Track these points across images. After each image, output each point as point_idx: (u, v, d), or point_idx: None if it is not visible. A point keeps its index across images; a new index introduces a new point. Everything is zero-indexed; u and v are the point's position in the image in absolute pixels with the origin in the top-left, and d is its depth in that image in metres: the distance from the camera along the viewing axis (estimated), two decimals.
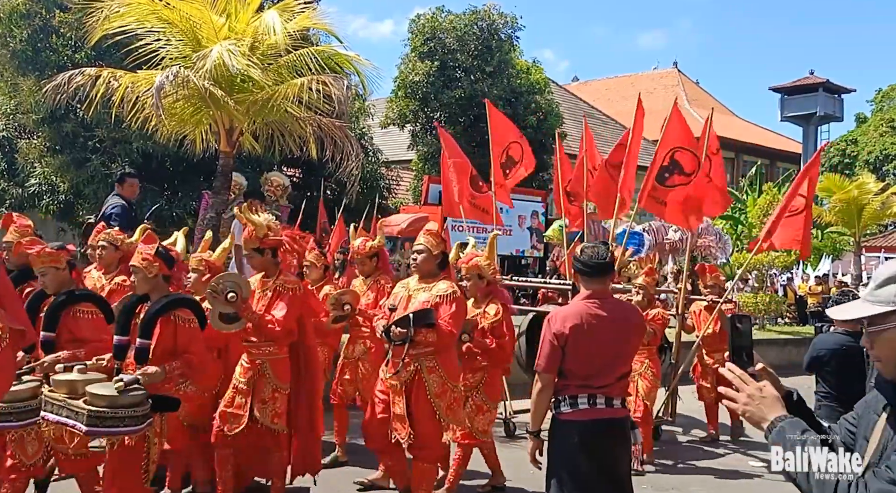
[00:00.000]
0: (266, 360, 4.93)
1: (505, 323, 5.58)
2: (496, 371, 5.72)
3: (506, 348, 5.60)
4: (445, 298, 4.75)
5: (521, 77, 22.77)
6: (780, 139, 46.08)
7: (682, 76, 47.26)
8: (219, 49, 7.37)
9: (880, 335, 1.86)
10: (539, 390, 3.78)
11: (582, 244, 3.96)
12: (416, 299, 4.82)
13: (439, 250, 4.95)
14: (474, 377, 5.59)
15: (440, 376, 4.81)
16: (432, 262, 4.92)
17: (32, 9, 13.19)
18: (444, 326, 4.67)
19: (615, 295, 6.57)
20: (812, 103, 39.15)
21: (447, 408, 4.84)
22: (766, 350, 13.68)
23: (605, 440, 3.75)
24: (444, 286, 4.81)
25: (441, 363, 4.82)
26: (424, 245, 4.93)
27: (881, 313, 1.85)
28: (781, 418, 1.90)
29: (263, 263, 5.04)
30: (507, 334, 5.61)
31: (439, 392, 4.80)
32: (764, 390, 1.96)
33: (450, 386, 4.87)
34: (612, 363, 3.79)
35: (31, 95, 12.73)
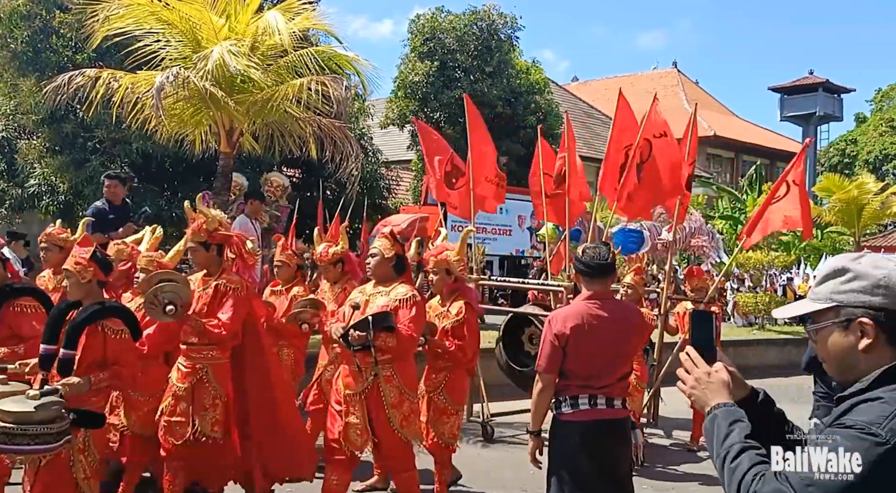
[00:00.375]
0: (207, 365, 4.64)
1: (467, 323, 5.35)
2: (459, 373, 5.50)
3: (466, 350, 5.37)
4: (405, 302, 4.54)
5: (521, 77, 22.79)
6: (779, 139, 46.08)
7: (682, 76, 47.29)
8: (219, 50, 7.38)
9: (820, 334, 1.81)
10: (540, 391, 3.79)
11: (584, 245, 3.97)
12: (374, 303, 4.63)
13: (393, 253, 4.75)
14: (437, 378, 5.42)
15: (397, 386, 4.60)
16: (387, 265, 4.73)
17: (33, 10, 13.18)
18: (404, 330, 4.48)
19: None
20: (812, 103, 39.14)
21: (403, 419, 4.63)
22: (767, 350, 13.70)
23: (605, 441, 3.76)
24: (402, 290, 4.62)
25: (398, 372, 4.62)
26: (378, 249, 4.76)
27: (820, 310, 1.80)
28: (720, 405, 1.83)
29: (207, 259, 4.76)
30: (469, 335, 5.37)
31: (396, 403, 4.59)
32: (712, 376, 1.89)
33: (407, 396, 4.66)
34: (613, 364, 3.80)
35: (31, 95, 12.72)
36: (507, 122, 22.03)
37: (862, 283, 1.75)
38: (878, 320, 1.71)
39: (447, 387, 5.39)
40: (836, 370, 1.81)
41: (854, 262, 1.79)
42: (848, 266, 1.79)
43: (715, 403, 1.84)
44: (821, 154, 41.46)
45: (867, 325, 1.72)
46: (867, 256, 1.82)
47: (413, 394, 4.74)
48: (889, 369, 1.69)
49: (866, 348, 1.72)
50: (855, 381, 1.73)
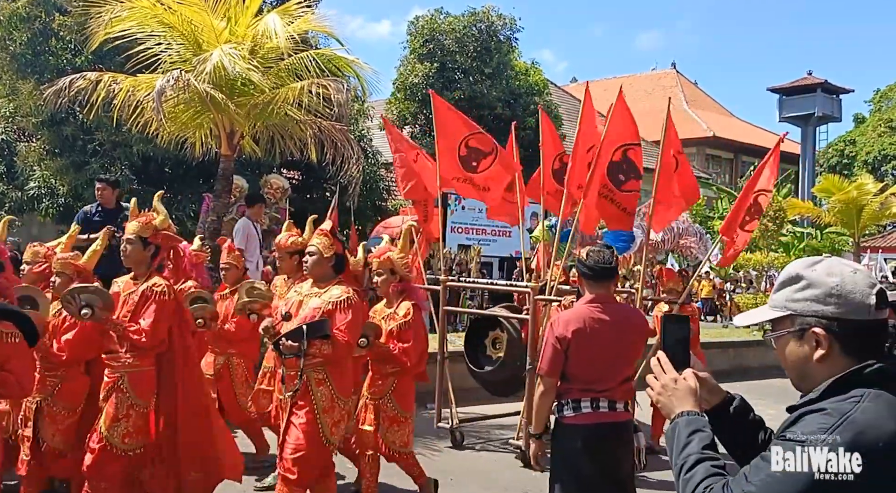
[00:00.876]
0: (125, 372, 4.36)
1: (413, 326, 5.07)
2: (406, 378, 5.19)
3: (410, 353, 5.03)
4: (339, 304, 4.30)
5: (520, 78, 22.81)
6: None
7: (681, 77, 47.37)
8: (219, 53, 7.40)
9: (777, 342, 1.76)
10: (541, 394, 3.81)
11: (587, 248, 3.97)
12: (308, 305, 4.40)
13: (332, 253, 4.50)
14: (383, 384, 5.12)
15: (329, 390, 4.33)
16: (325, 265, 4.48)
17: (32, 12, 13.19)
18: (340, 336, 4.24)
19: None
20: (810, 104, 39.15)
21: (333, 425, 4.35)
22: (767, 351, 13.67)
23: (608, 444, 3.76)
24: (337, 292, 4.36)
25: (331, 375, 4.35)
26: (315, 247, 4.51)
27: (776, 318, 1.75)
28: (683, 413, 1.79)
29: (140, 258, 4.43)
30: (415, 338, 5.06)
31: (327, 407, 4.31)
32: (679, 383, 1.85)
33: (339, 402, 4.38)
34: (615, 367, 3.81)
35: (31, 98, 12.74)
36: (506, 123, 22.01)
37: (815, 291, 1.69)
38: (831, 329, 1.66)
39: (395, 393, 5.11)
40: (795, 379, 1.77)
41: (808, 269, 1.73)
42: (802, 273, 1.73)
43: (679, 410, 1.81)
44: (819, 155, 41.49)
45: (820, 335, 1.67)
46: (823, 262, 1.75)
47: (346, 400, 4.48)
48: (839, 379, 1.63)
49: (820, 358, 1.67)
50: (811, 390, 1.68)
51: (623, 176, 6.83)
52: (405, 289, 5.21)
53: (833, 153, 43.07)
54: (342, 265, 4.60)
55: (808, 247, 26.38)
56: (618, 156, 6.87)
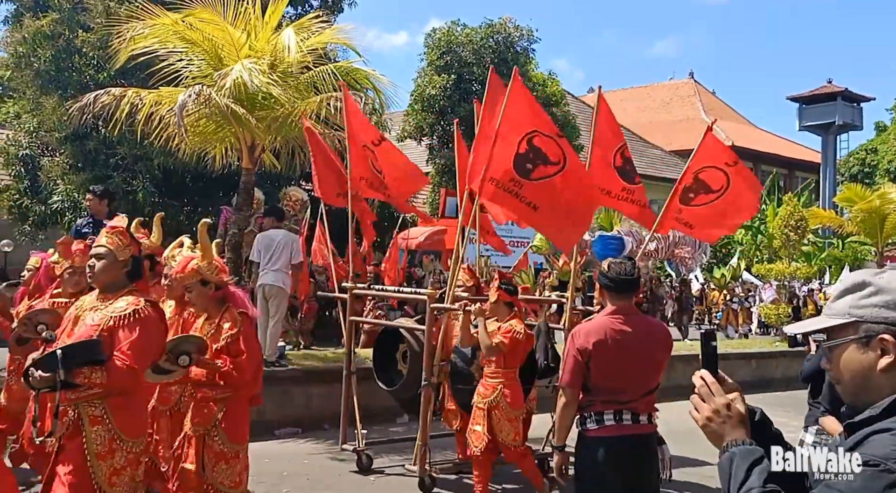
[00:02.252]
0: None
1: (243, 336, 4.28)
2: (239, 404, 4.35)
3: (244, 368, 4.23)
4: (123, 319, 3.50)
5: (538, 89, 22.82)
6: (798, 148, 45.83)
7: (699, 86, 47.20)
8: (239, 67, 7.48)
9: (835, 351, 1.70)
10: (563, 406, 3.80)
11: (609, 259, 3.97)
12: (85, 321, 3.61)
13: (127, 255, 3.72)
14: (209, 412, 4.29)
15: (108, 429, 3.50)
16: (116, 270, 3.68)
17: (56, 29, 13.40)
18: (119, 361, 3.43)
19: None
20: (831, 112, 38.87)
21: (112, 475, 3.49)
22: (791, 363, 13.54)
23: (631, 456, 3.75)
24: (122, 304, 3.57)
25: (112, 411, 3.51)
26: (106, 248, 3.70)
27: (836, 325, 1.69)
28: (738, 442, 1.70)
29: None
30: (248, 350, 4.28)
31: (104, 452, 3.48)
32: (732, 408, 1.74)
33: (121, 444, 3.53)
34: (638, 379, 3.80)
35: (55, 113, 12.92)
36: None
37: (884, 297, 1.65)
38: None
39: (224, 423, 4.27)
40: (850, 391, 1.70)
41: (876, 276, 1.69)
42: (869, 280, 1.69)
43: (732, 438, 1.71)
44: (841, 164, 41.13)
45: (888, 342, 1.61)
46: (888, 271, 1.72)
47: (133, 441, 3.58)
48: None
49: (886, 366, 1.61)
50: (868, 404, 1.61)
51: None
52: (225, 297, 4.44)
53: (854, 162, 42.67)
54: (138, 271, 3.81)
55: (829, 256, 26.15)
56: (619, 160, 6.82)
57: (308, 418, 8.30)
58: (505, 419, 5.74)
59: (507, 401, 5.73)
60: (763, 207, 29.01)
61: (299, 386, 8.32)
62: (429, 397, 6.41)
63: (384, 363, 7.37)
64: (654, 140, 36.74)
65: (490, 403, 5.76)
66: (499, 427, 5.75)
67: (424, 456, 6.33)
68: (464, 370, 6.27)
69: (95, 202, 7.80)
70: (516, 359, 5.86)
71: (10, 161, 15.12)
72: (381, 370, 7.33)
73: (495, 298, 5.85)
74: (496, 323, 5.82)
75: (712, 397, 1.77)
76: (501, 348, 5.66)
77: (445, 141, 22.49)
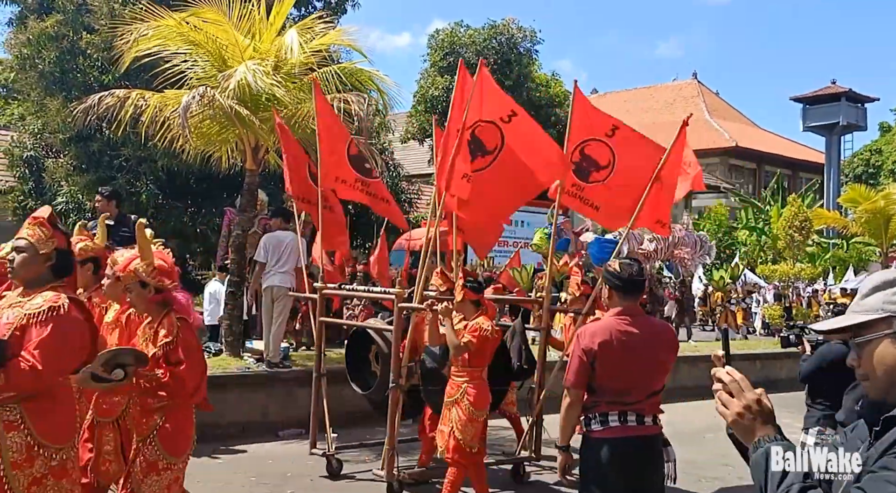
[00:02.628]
0: None
1: (182, 342, 3.98)
2: (180, 413, 4.05)
3: (183, 378, 3.91)
4: (36, 317, 3.24)
5: (541, 90, 22.85)
6: (802, 149, 45.76)
7: (702, 87, 47.15)
8: (243, 69, 7.49)
9: (866, 348, 1.72)
10: (567, 406, 3.80)
11: (618, 259, 3.97)
12: (1, 319, 3.37)
13: (50, 248, 3.46)
14: (148, 422, 4.01)
15: (26, 436, 3.24)
16: (39, 264, 3.43)
17: (60, 31, 13.44)
18: (23, 362, 3.15)
19: None
20: (834, 113, 38.80)
21: (31, 484, 3.24)
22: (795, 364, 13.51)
23: (636, 458, 3.74)
24: (39, 301, 3.31)
25: (30, 415, 3.26)
26: (27, 240, 3.45)
27: (867, 321, 1.72)
28: (770, 438, 1.71)
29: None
30: (188, 356, 3.99)
31: (20, 460, 3.22)
32: (762, 404, 1.75)
33: (42, 451, 3.27)
34: (643, 380, 3.79)
35: (59, 115, 12.97)
36: None
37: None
38: None
39: (160, 433, 3.96)
40: (882, 386, 1.70)
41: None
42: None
43: (764, 434, 1.72)
44: (845, 164, 41.08)
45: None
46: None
47: (59, 447, 3.35)
48: None
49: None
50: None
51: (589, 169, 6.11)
52: (165, 300, 4.13)
53: (858, 162, 42.64)
54: (65, 266, 3.53)
55: (834, 257, 26.09)
56: (576, 155, 6.17)
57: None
58: (466, 419, 5.49)
59: (469, 400, 5.51)
60: (766, 207, 28.97)
61: (303, 387, 8.31)
62: (396, 399, 6.20)
63: (358, 365, 7.07)
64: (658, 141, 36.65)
65: (453, 401, 5.59)
66: (458, 426, 5.52)
67: (392, 460, 6.11)
68: (434, 371, 6.08)
69: (104, 203, 7.76)
70: (483, 358, 5.65)
71: (15, 163, 15.17)
72: (355, 372, 7.04)
73: (461, 296, 5.63)
74: (463, 321, 5.64)
75: (742, 393, 1.76)
76: (469, 347, 5.47)
77: None
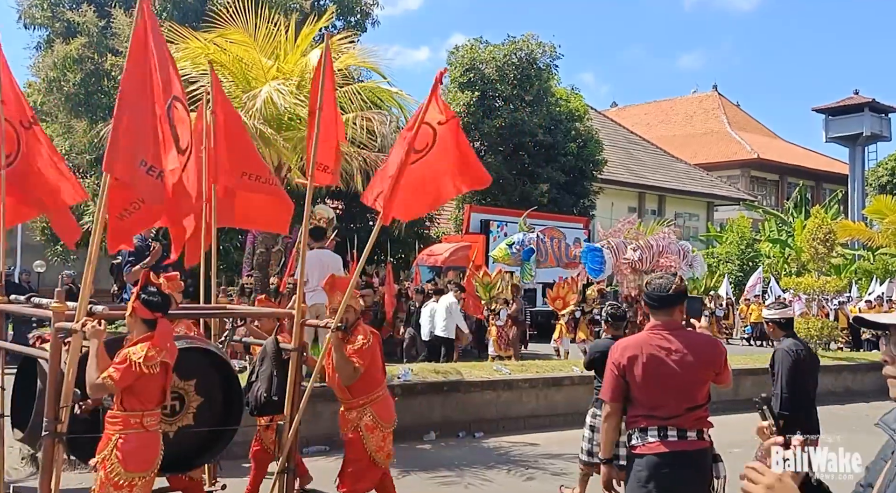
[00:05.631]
0: None
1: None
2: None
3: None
4: None
5: (561, 105, 22.89)
6: (825, 160, 45.38)
7: (723, 99, 46.96)
8: (268, 89, 7.59)
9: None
10: (604, 418, 3.83)
11: (652, 275, 4.00)
12: None
13: None
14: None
15: None
16: None
17: (85, 54, 13.70)
18: None
19: None
20: (858, 124, 38.50)
21: None
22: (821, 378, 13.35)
23: (677, 473, 3.68)
24: None
25: None
26: None
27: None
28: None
29: None
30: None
31: None
32: (783, 480, 1.80)
33: None
34: (678, 394, 3.74)
35: (85, 136, 13.19)
36: (547, 149, 22.11)
37: None
38: None
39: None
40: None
41: None
42: None
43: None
44: (869, 174, 40.63)
45: None
46: None
47: None
48: None
49: None
50: None
51: None
52: None
53: (883, 172, 42.15)
54: None
55: (859, 269, 25.80)
56: None
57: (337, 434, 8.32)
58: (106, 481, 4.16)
59: (118, 457, 4.10)
60: (790, 219, 28.72)
61: (327, 403, 8.34)
62: (50, 451, 4.21)
63: (26, 400, 4.99)
64: (679, 154, 36.58)
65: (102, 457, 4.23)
66: None
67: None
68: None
69: None
70: (143, 397, 4.09)
71: None
72: (20, 409, 5.09)
73: (129, 310, 4.20)
74: None
75: (762, 478, 1.82)
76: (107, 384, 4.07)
77: None
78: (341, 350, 4.85)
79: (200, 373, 4.68)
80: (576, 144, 22.64)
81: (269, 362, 5.12)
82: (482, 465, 7.50)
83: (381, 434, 5.07)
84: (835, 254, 21.25)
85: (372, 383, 5.08)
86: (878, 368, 4.36)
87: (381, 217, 5.07)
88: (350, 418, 5.09)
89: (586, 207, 23.75)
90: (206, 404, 4.70)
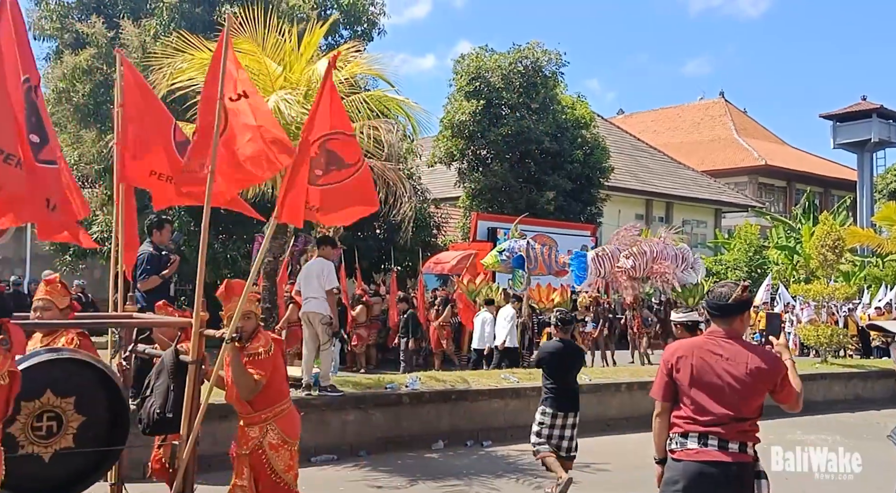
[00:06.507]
0: None
1: None
2: None
3: None
4: None
5: (567, 112, 22.91)
6: (833, 166, 45.22)
7: (729, 106, 46.89)
8: (275, 98, 7.61)
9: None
10: (655, 416, 3.84)
11: (718, 283, 4.01)
12: None
13: None
14: None
15: None
16: None
17: (93, 64, 13.79)
18: None
19: None
20: (866, 130, 38.33)
21: None
22: (831, 385, 13.30)
23: (712, 484, 3.60)
24: None
25: None
26: None
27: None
28: None
29: None
30: None
31: None
32: None
33: None
34: (722, 402, 3.66)
35: (94, 146, 13.26)
36: (553, 157, 22.12)
37: None
38: None
39: None
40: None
41: None
42: None
43: None
44: (877, 181, 40.47)
45: None
46: None
47: None
48: None
49: None
50: None
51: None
52: None
53: (892, 178, 41.98)
54: None
55: (868, 276, 25.65)
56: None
57: (344, 444, 8.31)
58: None
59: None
60: (798, 226, 28.59)
61: (336, 412, 8.34)
62: None
63: None
64: (686, 161, 36.54)
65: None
66: None
67: None
68: None
69: (157, 235, 8.12)
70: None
71: None
72: None
73: None
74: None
75: None
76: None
77: (475, 166, 22.64)
78: (238, 361, 4.43)
79: (81, 390, 4.16)
80: (582, 151, 22.64)
81: (165, 376, 4.58)
82: (490, 474, 7.47)
83: (289, 452, 4.61)
84: (843, 261, 21.16)
85: (275, 395, 4.63)
86: (889, 375, 4.39)
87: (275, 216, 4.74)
88: (252, 435, 4.56)
89: (593, 215, 23.74)
90: (89, 424, 4.15)
